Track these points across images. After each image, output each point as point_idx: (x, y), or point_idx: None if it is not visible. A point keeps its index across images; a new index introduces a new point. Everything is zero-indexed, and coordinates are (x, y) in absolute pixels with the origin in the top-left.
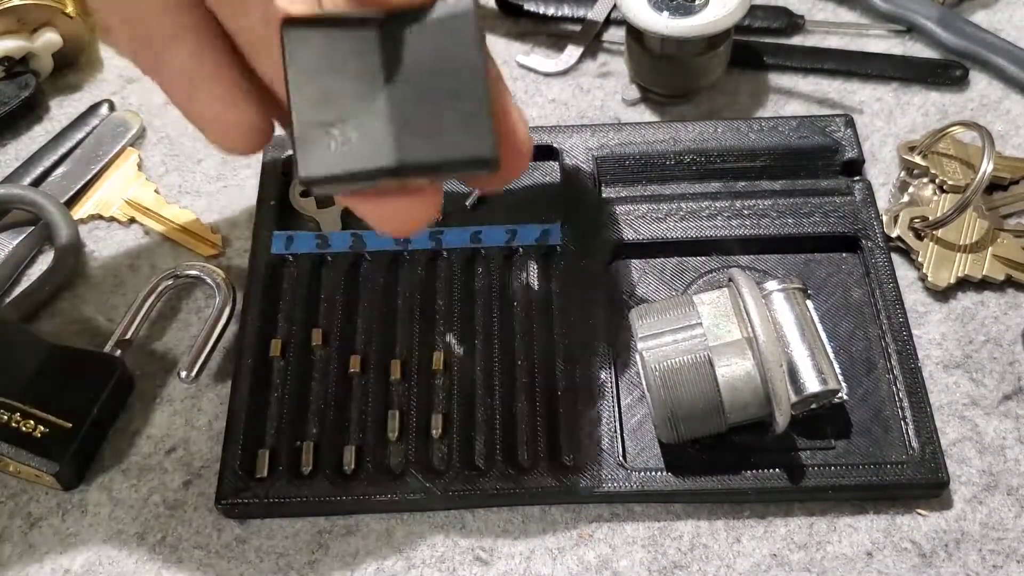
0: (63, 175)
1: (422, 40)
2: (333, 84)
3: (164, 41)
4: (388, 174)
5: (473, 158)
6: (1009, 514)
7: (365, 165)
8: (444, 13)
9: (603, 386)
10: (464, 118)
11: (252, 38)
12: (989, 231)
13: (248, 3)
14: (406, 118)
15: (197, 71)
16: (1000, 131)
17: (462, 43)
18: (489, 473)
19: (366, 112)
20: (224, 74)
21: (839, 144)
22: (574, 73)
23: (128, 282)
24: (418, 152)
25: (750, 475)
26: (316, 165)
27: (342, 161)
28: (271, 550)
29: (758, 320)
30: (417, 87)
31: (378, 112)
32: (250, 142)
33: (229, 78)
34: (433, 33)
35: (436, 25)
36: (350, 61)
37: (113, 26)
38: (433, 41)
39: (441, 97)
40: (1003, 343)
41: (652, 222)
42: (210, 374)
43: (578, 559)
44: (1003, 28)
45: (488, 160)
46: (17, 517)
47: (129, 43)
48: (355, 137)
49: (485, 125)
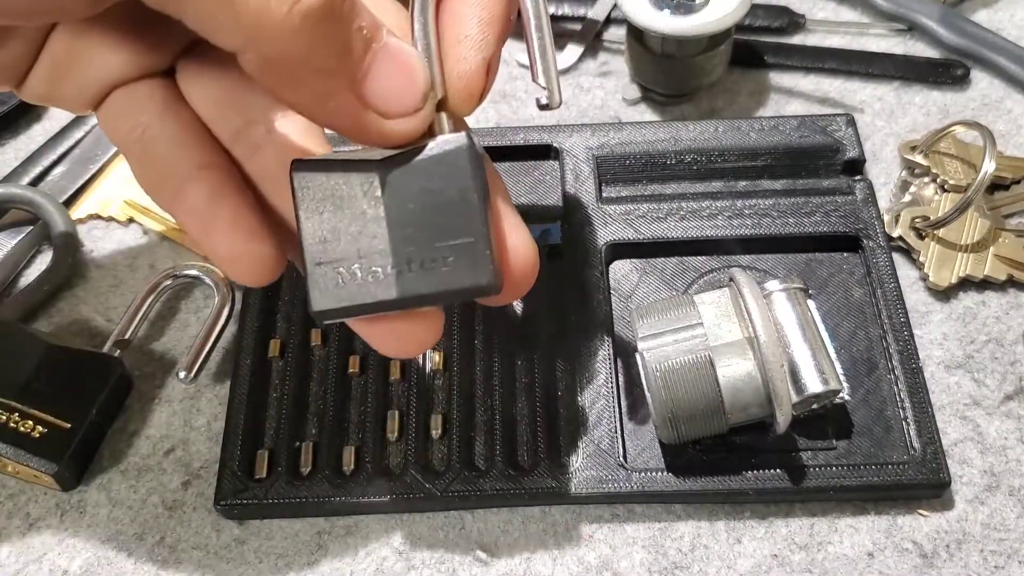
0: (62, 175)
1: (422, 176)
2: (340, 221)
3: (180, 181)
4: (392, 306)
5: (473, 287)
6: (1011, 515)
7: (371, 298)
8: (441, 150)
9: (603, 386)
10: (464, 248)
11: (268, 176)
12: (991, 231)
13: (263, 144)
14: (408, 251)
15: (215, 211)
16: (1001, 130)
17: (459, 177)
18: (489, 473)
19: (370, 248)
20: (241, 213)
21: (840, 143)
22: (574, 72)
23: (127, 282)
24: (420, 284)
25: (751, 475)
26: (326, 300)
27: (349, 295)
28: (270, 551)
29: (759, 320)
30: (419, 221)
31: (381, 248)
32: (265, 275)
33: (245, 216)
34: (432, 169)
35: (434, 161)
36: (355, 198)
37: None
38: (432, 176)
39: (442, 230)
40: (1005, 343)
41: (652, 222)
42: (209, 374)
43: (578, 559)
44: (1004, 27)
45: (488, 287)
46: (16, 517)
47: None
48: (361, 272)
49: (484, 254)
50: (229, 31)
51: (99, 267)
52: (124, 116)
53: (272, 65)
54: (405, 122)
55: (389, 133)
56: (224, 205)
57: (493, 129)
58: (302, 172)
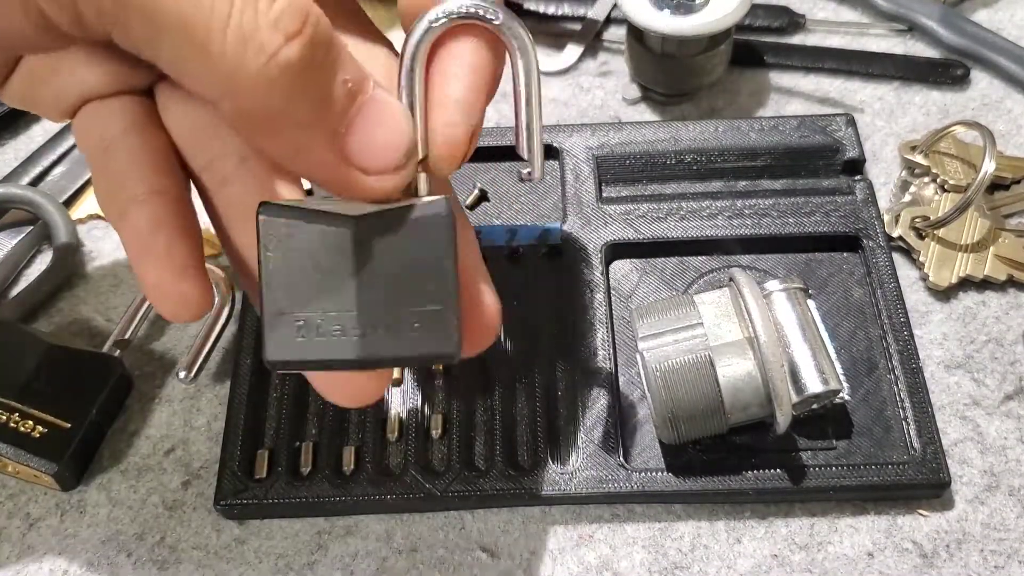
0: (61, 175)
1: (397, 238)
2: (305, 273)
3: (127, 202)
4: (350, 366)
5: (436, 355)
6: (1011, 515)
7: (328, 355)
8: (420, 213)
9: (603, 386)
10: (431, 316)
11: (233, 212)
12: (991, 231)
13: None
14: (372, 313)
15: (152, 239)
16: (1001, 130)
17: (435, 243)
18: (489, 473)
19: (334, 304)
20: (176, 250)
21: (840, 143)
22: (574, 72)
23: (127, 282)
24: (381, 348)
25: (751, 475)
26: (281, 351)
27: (306, 350)
28: (270, 551)
29: (759, 320)
30: (386, 284)
31: (346, 305)
32: (185, 314)
33: (180, 251)
34: (407, 232)
35: (411, 224)
36: (324, 252)
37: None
38: (407, 239)
39: (411, 294)
40: (1005, 343)
41: (652, 221)
42: (209, 374)
43: (578, 560)
44: (1004, 27)
45: (450, 356)
46: (16, 517)
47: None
48: (321, 327)
49: (451, 323)
50: (204, 82)
51: (99, 267)
52: (93, 128)
53: (248, 117)
54: (386, 179)
55: (369, 189)
56: (162, 235)
57: (493, 129)
58: (271, 216)
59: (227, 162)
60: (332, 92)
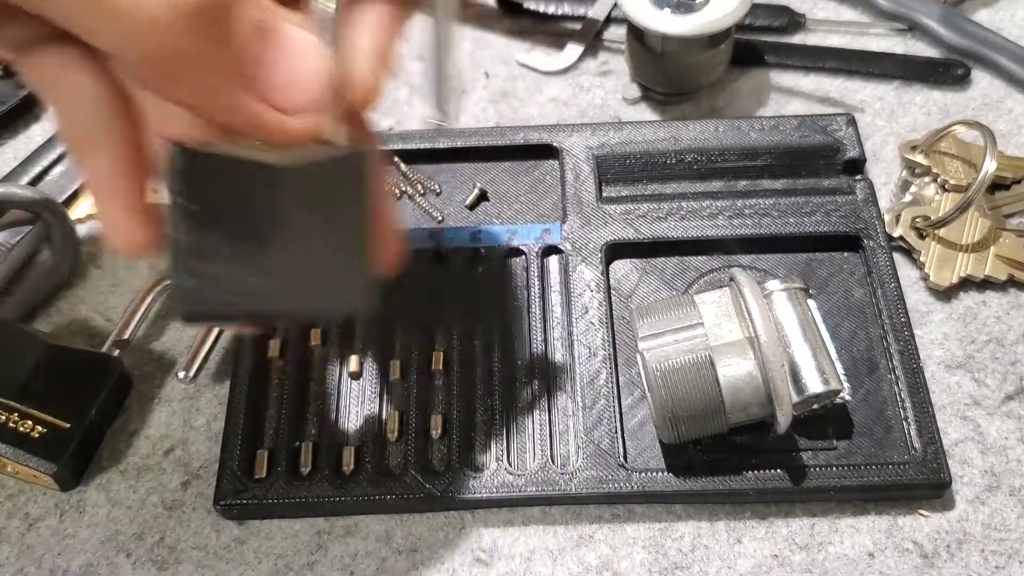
0: (61, 174)
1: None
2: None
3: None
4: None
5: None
6: (1011, 515)
7: (236, 307)
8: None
9: (603, 386)
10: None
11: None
12: (991, 231)
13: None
14: (282, 264)
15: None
16: (1002, 130)
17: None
18: (489, 473)
19: (245, 253)
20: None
21: (840, 143)
22: (574, 71)
23: (126, 282)
24: (289, 301)
25: (751, 476)
26: (188, 300)
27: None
28: (270, 551)
29: (759, 320)
30: (298, 233)
31: (255, 254)
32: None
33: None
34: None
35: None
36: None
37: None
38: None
39: (321, 248)
40: (1005, 343)
41: (653, 221)
42: (208, 374)
43: (578, 560)
44: (1005, 27)
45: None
46: (15, 518)
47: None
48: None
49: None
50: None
51: (99, 267)
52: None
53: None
54: (306, 118)
55: (289, 131)
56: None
57: (493, 129)
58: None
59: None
60: (239, 28)
